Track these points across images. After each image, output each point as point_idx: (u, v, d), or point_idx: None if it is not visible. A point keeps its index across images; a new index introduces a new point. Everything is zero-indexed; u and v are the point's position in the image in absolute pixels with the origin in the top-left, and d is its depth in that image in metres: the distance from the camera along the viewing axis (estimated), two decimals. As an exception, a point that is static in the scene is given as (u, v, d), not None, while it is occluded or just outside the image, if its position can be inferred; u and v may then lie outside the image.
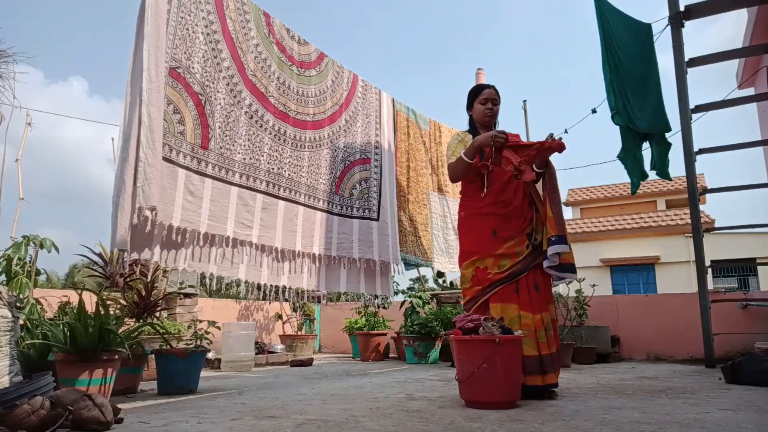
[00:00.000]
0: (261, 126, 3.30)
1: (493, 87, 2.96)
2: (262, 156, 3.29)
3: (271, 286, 3.28)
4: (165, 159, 2.69)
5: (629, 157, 4.39)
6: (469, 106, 3.00)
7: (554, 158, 2.81)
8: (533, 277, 2.71)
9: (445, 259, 5.17)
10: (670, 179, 4.54)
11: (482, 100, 2.92)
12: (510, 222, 2.75)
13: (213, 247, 2.94)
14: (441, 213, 5.24)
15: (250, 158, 3.21)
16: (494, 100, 2.92)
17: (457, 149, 2.86)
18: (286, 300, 6.35)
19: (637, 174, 4.49)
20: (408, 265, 4.69)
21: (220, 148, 3.03)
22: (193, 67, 2.90)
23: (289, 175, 3.47)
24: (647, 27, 4.69)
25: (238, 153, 3.13)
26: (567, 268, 2.69)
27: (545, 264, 2.67)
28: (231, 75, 3.13)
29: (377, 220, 4.14)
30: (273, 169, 3.35)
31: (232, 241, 3.04)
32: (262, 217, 3.24)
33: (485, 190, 2.75)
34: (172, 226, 2.70)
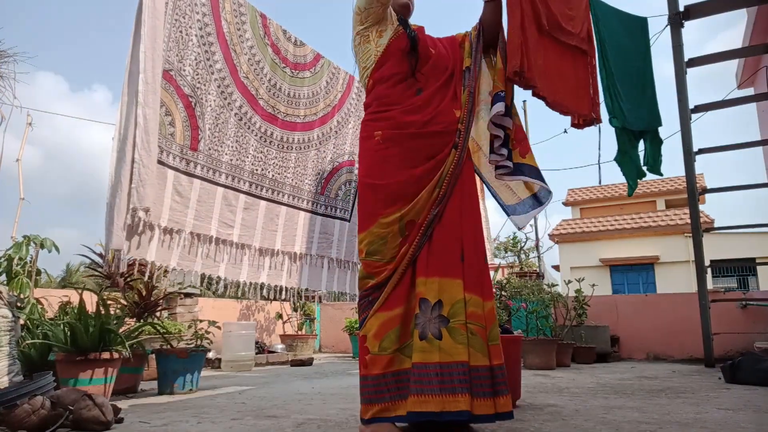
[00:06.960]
0: (249, 128, 3.34)
1: None
2: (247, 157, 3.33)
3: (267, 285, 3.31)
4: (157, 161, 2.72)
5: (626, 160, 4.40)
6: None
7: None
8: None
9: None
10: (662, 175, 4.54)
11: None
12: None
13: (198, 247, 2.98)
14: None
15: (237, 159, 3.25)
16: None
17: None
18: (285, 300, 6.38)
19: (633, 175, 4.49)
20: None
21: (209, 149, 3.06)
22: (184, 70, 2.92)
23: (273, 176, 3.51)
24: (643, 21, 4.69)
25: (226, 154, 3.17)
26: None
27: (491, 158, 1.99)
28: (223, 77, 3.16)
29: (348, 221, 4.17)
30: (257, 170, 3.39)
31: (215, 240, 3.09)
32: (243, 216, 3.29)
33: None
34: (160, 226, 2.73)
